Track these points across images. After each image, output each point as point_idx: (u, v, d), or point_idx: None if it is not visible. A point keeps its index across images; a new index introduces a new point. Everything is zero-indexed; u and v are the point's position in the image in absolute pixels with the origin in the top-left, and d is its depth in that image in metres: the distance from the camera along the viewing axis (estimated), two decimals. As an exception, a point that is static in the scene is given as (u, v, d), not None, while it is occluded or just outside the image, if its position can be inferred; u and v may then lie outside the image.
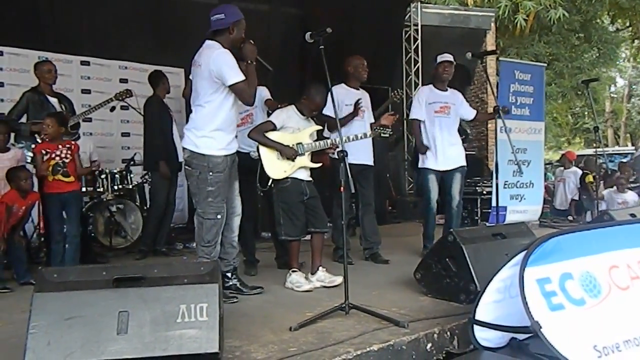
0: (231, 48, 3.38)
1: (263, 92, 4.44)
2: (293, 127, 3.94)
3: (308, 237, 3.96)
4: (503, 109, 4.79)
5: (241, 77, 3.28)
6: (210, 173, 3.35)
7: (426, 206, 5.05)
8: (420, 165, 5.11)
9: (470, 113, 5.23)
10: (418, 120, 5.06)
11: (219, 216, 3.39)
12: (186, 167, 3.47)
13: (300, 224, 3.87)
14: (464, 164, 5.07)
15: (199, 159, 3.37)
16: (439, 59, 5.12)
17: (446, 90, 5.12)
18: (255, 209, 4.70)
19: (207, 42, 3.41)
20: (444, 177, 5.01)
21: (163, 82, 5.42)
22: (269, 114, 4.37)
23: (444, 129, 5.01)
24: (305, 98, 3.97)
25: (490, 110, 6.36)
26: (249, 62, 3.39)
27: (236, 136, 3.57)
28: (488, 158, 9.90)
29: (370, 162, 4.87)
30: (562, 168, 9.04)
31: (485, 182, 7.73)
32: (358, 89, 4.84)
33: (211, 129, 3.37)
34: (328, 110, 4.34)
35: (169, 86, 5.49)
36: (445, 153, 4.98)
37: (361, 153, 4.60)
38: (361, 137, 4.30)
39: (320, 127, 4.29)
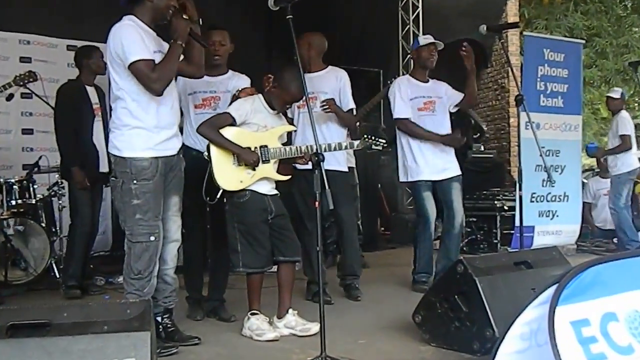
0: (155, 21, 3.45)
1: (243, 82, 4.39)
2: (258, 124, 3.94)
3: (274, 268, 3.96)
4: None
5: (143, 54, 3.30)
6: (135, 181, 3.36)
7: (422, 229, 5.12)
8: (406, 178, 5.19)
9: (457, 97, 5.27)
10: (407, 119, 5.13)
11: (152, 238, 3.39)
12: (111, 177, 3.50)
13: (264, 252, 3.86)
14: (460, 172, 5.19)
15: (121, 165, 3.40)
16: (421, 40, 5.23)
17: (427, 81, 5.24)
18: (205, 227, 4.65)
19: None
20: (439, 189, 5.10)
21: (88, 64, 5.32)
22: None
23: (434, 131, 5.10)
24: (276, 86, 3.97)
25: (512, 100, 6.43)
26: (174, 40, 3.42)
27: (182, 132, 3.58)
28: (510, 163, 10.01)
29: (342, 167, 4.85)
30: (598, 177, 9.14)
31: (506, 194, 7.82)
32: (321, 69, 4.85)
33: (132, 125, 3.39)
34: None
35: (101, 64, 5.18)
36: (437, 159, 5.08)
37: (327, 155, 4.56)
38: (345, 147, 4.30)
39: (294, 128, 4.29)
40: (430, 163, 5.07)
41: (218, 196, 3.85)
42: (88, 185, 5.22)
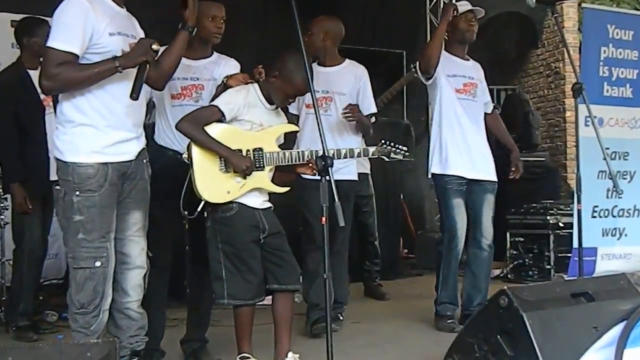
0: None
1: (232, 68, 4.36)
2: (252, 121, 3.94)
3: (266, 300, 3.96)
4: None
5: (65, 45, 3.29)
6: (77, 192, 3.38)
7: (448, 248, 5.12)
8: (434, 169, 5.19)
9: (487, 106, 5.43)
10: None
11: (97, 263, 3.39)
12: (55, 187, 3.53)
13: (254, 279, 3.86)
14: (496, 179, 5.24)
15: (64, 171, 3.42)
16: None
17: (468, 59, 5.32)
18: (173, 249, 4.59)
19: None
20: (470, 194, 5.15)
21: (29, 43, 5.29)
22: None
23: (472, 120, 5.18)
24: (277, 76, 3.96)
25: (569, 89, 6.42)
26: (117, 58, 3.38)
27: (152, 129, 3.58)
28: (566, 168, 10.00)
29: (351, 176, 4.96)
30: None
31: (561, 207, 7.81)
32: (337, 64, 4.97)
33: (77, 121, 3.40)
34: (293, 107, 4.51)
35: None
36: (475, 154, 5.13)
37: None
38: (358, 155, 4.31)
39: (296, 128, 4.29)
40: (464, 156, 5.10)
41: (199, 209, 3.85)
42: (29, 208, 5.21)
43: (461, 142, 5.11)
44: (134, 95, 3.38)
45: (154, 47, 3.39)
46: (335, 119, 4.80)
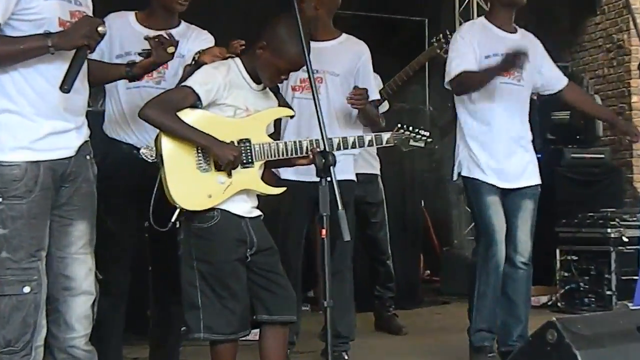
0: None
1: (204, 42, 4.39)
2: (235, 105, 3.92)
3: (253, 334, 3.96)
4: None
5: None
6: (0, 199, 3.36)
7: (485, 256, 5.11)
8: (467, 172, 5.20)
9: (558, 80, 5.40)
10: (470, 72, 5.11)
11: (25, 289, 3.36)
12: None
13: (238, 308, 3.84)
14: (539, 181, 5.25)
15: None
16: None
17: (515, 30, 5.29)
18: (129, 270, 4.61)
19: None
20: (503, 198, 5.14)
21: None
22: None
23: (514, 111, 5.16)
24: (265, 47, 3.92)
25: (635, 67, 6.40)
26: (51, 35, 3.33)
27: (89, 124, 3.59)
28: (632, 167, 10.00)
29: (348, 175, 5.02)
30: None
31: (625, 218, 7.81)
32: (332, 38, 5.06)
33: (0, 107, 3.36)
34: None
35: None
36: (511, 157, 5.14)
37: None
38: (369, 143, 4.33)
39: (291, 112, 4.29)
40: (499, 161, 5.10)
41: (173, 219, 3.80)
42: None
43: (497, 145, 5.12)
44: (65, 87, 3.29)
45: (100, 29, 3.32)
46: (326, 104, 4.78)
